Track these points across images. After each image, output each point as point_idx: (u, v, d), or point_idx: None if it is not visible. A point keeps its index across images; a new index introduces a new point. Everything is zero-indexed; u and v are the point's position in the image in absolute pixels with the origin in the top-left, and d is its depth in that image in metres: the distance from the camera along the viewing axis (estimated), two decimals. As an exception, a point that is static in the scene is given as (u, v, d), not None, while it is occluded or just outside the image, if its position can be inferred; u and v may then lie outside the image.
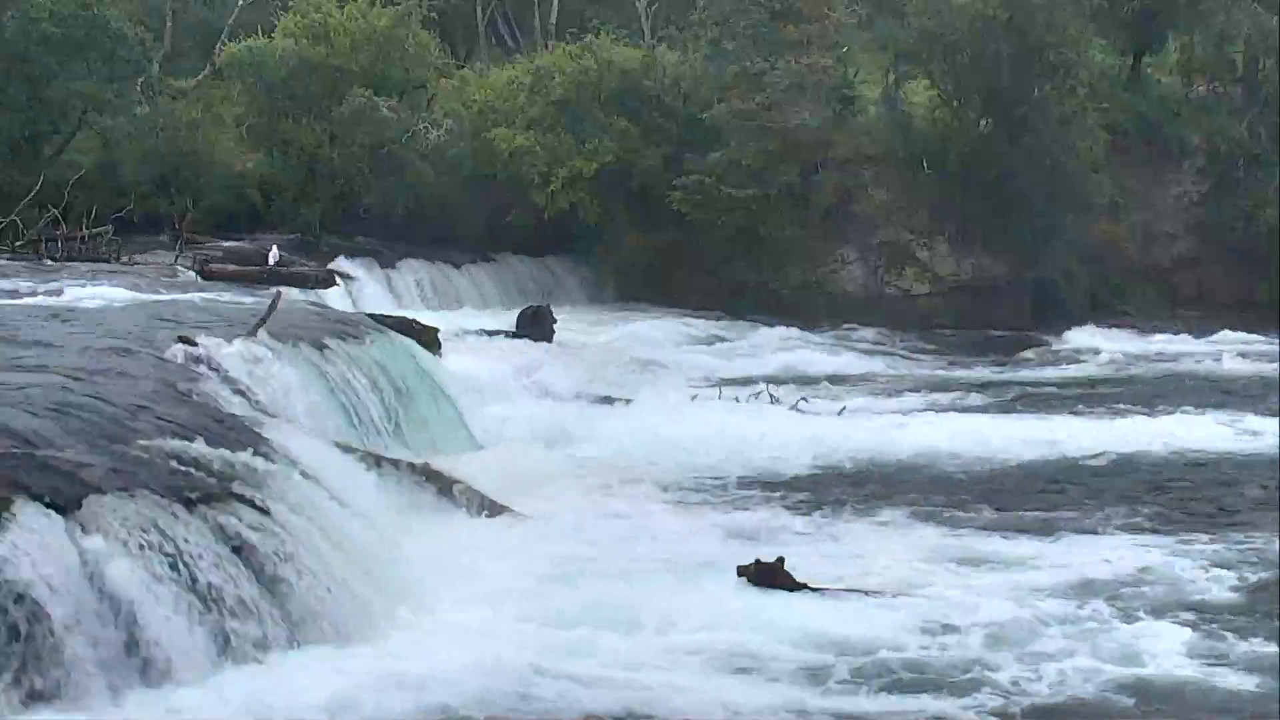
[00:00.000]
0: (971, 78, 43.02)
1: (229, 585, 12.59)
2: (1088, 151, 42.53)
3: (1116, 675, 13.39)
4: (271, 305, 22.34)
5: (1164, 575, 16.68)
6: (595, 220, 42.59)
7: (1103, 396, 30.40)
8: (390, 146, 41.24)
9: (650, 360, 33.59)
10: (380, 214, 41.76)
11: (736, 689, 12.88)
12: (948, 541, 18.22)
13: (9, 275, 30.39)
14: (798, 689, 12.98)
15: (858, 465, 23.17)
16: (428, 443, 21.80)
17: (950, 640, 14.26)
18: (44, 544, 11.43)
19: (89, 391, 15.72)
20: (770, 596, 15.44)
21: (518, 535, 17.71)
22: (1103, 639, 14.32)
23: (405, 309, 33.96)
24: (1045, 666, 13.54)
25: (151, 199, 40.69)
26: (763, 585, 15.65)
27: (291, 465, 15.60)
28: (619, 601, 14.67)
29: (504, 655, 13.05)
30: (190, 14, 52.35)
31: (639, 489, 21.08)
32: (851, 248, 43.24)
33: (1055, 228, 42.15)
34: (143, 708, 11.25)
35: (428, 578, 15.29)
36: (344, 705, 11.81)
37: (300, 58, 41.76)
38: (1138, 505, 20.37)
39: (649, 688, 12.64)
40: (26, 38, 40.38)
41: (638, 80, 43.91)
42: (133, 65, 43.18)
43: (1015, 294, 42.61)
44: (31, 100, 40.76)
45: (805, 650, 13.86)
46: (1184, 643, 14.22)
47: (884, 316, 41.42)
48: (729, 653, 13.71)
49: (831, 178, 42.36)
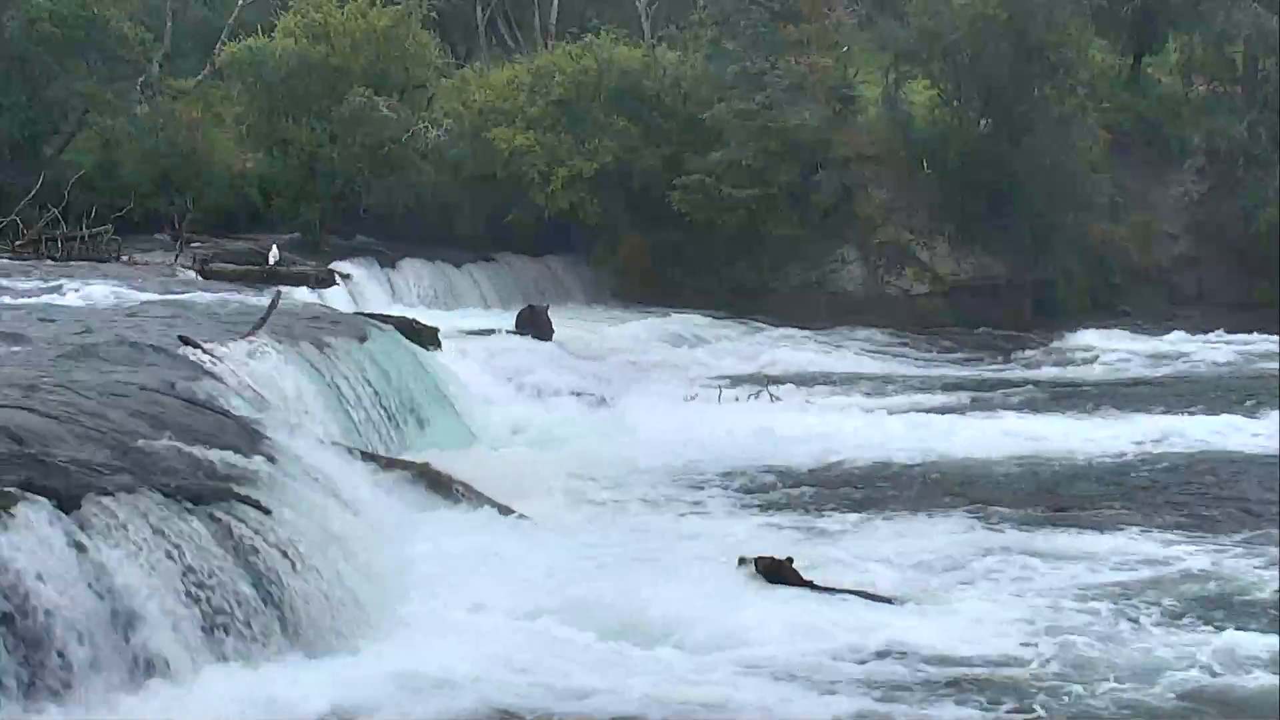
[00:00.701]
0: (971, 78, 43.02)
1: (229, 585, 12.59)
2: (1088, 151, 42.54)
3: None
4: (271, 305, 22.36)
5: (1205, 576, 16.60)
6: (595, 220, 42.57)
7: (1104, 396, 30.35)
8: (390, 146, 41.23)
9: (650, 360, 33.58)
10: (380, 214, 41.74)
11: (747, 687, 12.84)
12: (952, 541, 18.18)
13: (9, 275, 30.39)
14: (804, 688, 12.94)
15: (858, 465, 23.15)
16: (428, 442, 21.80)
17: (961, 643, 14.15)
18: (44, 543, 11.43)
19: (89, 391, 15.73)
20: (777, 593, 15.39)
21: (518, 535, 17.69)
22: (1140, 644, 14.22)
23: (405, 309, 33.96)
24: (1080, 672, 13.44)
25: (151, 199, 40.70)
26: (770, 581, 15.60)
27: (292, 465, 15.61)
28: (621, 600, 14.66)
29: (504, 655, 13.05)
30: (190, 14, 52.39)
31: (639, 488, 21.08)
32: (851, 248, 43.21)
33: (1055, 228, 42.15)
34: (142, 707, 11.23)
35: (428, 577, 15.28)
36: (344, 705, 11.81)
37: (300, 58, 41.74)
38: (1153, 504, 20.32)
39: (653, 687, 12.62)
40: (26, 38, 40.40)
41: (638, 80, 43.90)
42: (133, 65, 43.21)
43: (1015, 294, 42.60)
44: (31, 100, 40.78)
45: (811, 649, 13.81)
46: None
47: (884, 316, 41.39)
48: (733, 652, 13.68)
49: (831, 178, 42.34)
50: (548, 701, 12.25)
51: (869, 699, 12.79)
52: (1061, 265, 42.69)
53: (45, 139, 42.05)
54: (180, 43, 50.66)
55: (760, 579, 15.71)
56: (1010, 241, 42.23)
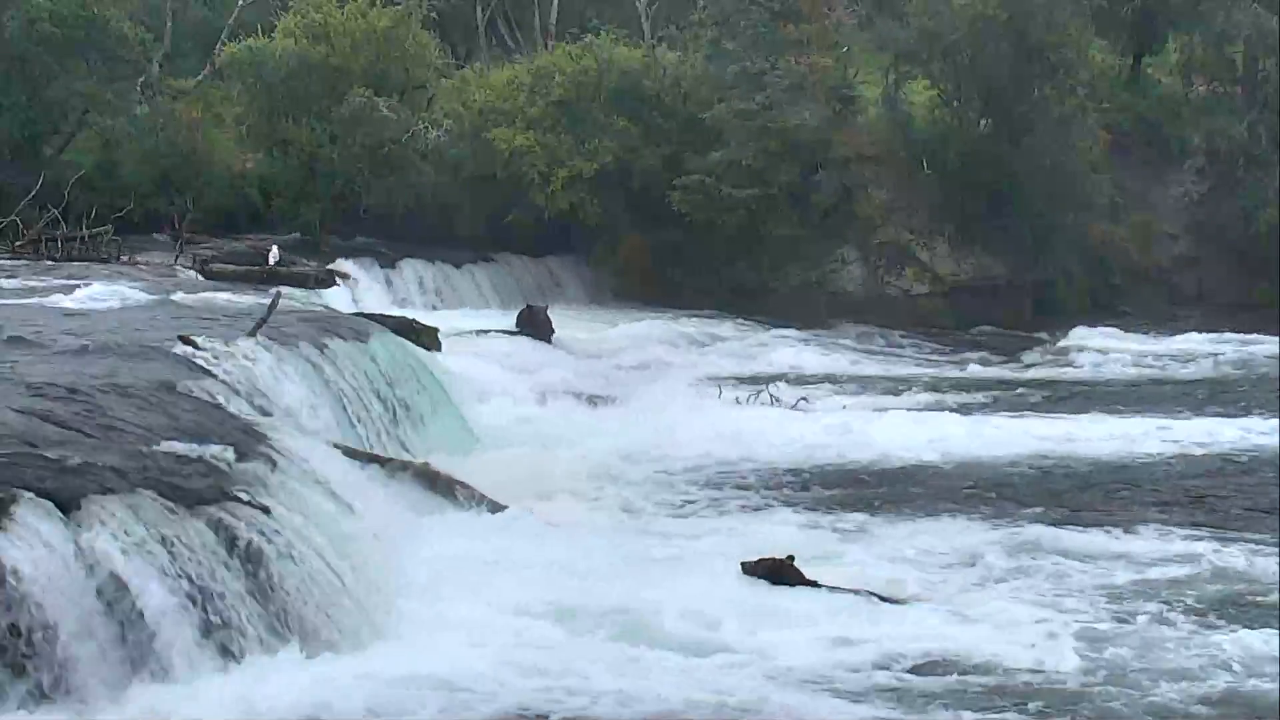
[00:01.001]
0: (971, 78, 43.02)
1: (228, 585, 12.57)
2: (1087, 151, 42.53)
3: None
4: (271, 305, 22.34)
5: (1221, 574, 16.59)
6: (595, 220, 42.56)
7: (1105, 396, 30.39)
8: (390, 146, 41.24)
9: (650, 360, 33.57)
10: (380, 214, 41.74)
11: (752, 689, 12.84)
12: (956, 540, 18.15)
13: (9, 275, 30.39)
14: (811, 688, 12.92)
15: (859, 465, 23.15)
16: (428, 442, 21.79)
17: (976, 645, 14.08)
18: (44, 543, 11.42)
19: (89, 391, 15.73)
20: (777, 592, 15.38)
21: (518, 535, 17.68)
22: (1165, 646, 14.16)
23: (405, 309, 33.97)
24: (1098, 676, 13.38)
25: (151, 199, 40.69)
26: (771, 581, 15.59)
27: (291, 465, 15.60)
28: (622, 600, 14.65)
29: (505, 656, 13.04)
30: (190, 14, 52.39)
31: (640, 488, 21.08)
32: (851, 248, 43.20)
33: (1055, 228, 42.14)
34: (141, 707, 11.23)
35: (428, 578, 15.28)
36: (344, 706, 11.80)
37: (300, 58, 41.75)
38: (1157, 504, 20.29)
39: (657, 687, 12.62)
40: (26, 38, 40.40)
41: (638, 80, 43.88)
42: (133, 65, 43.20)
43: (1015, 294, 42.59)
44: (31, 100, 40.78)
45: (819, 649, 13.81)
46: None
47: (884, 316, 41.39)
48: (736, 653, 13.67)
49: (831, 178, 42.33)
50: (548, 702, 12.24)
51: (879, 702, 12.77)
52: (1061, 265, 42.68)
53: (45, 139, 42.05)
54: (180, 43, 50.65)
55: (762, 580, 15.69)
56: (1010, 241, 42.23)
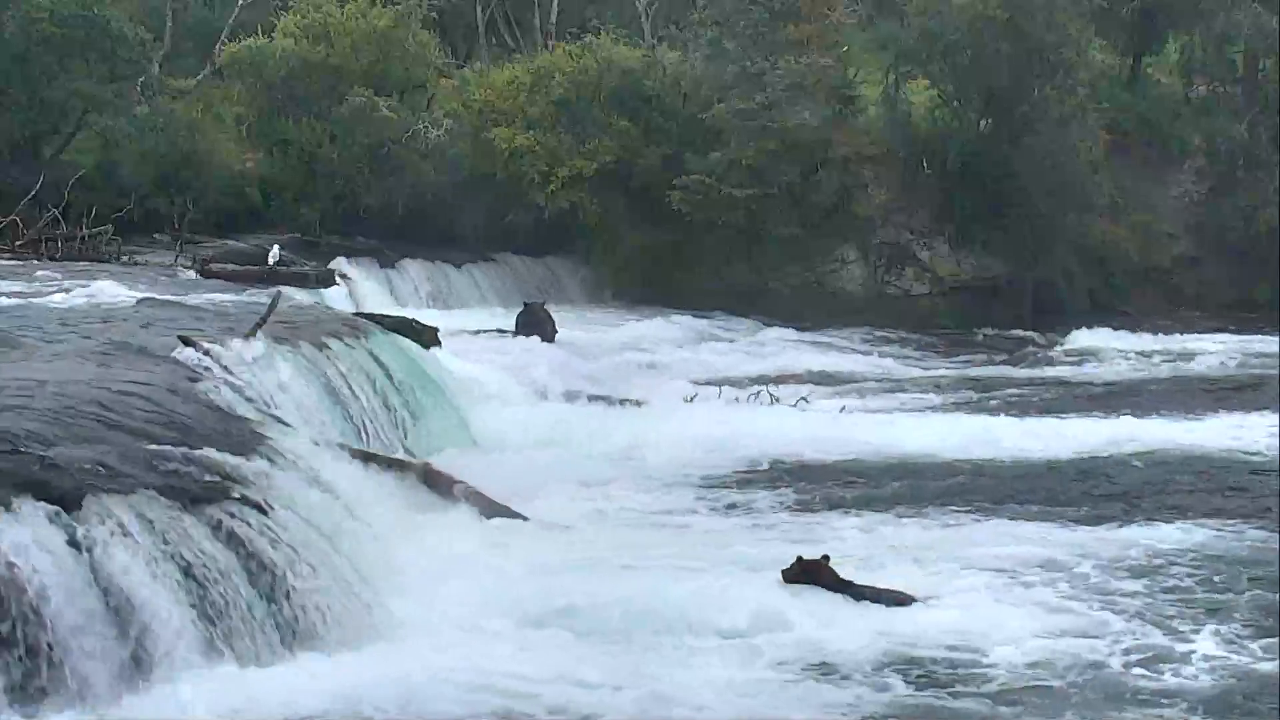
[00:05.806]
0: (971, 78, 43.05)
1: (228, 585, 12.56)
2: (1087, 151, 42.55)
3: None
4: (271, 305, 22.31)
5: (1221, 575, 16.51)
6: (595, 220, 42.58)
7: (1106, 396, 30.38)
8: (390, 146, 41.27)
9: (650, 360, 33.59)
10: (380, 214, 41.78)
11: (757, 690, 12.81)
12: (958, 540, 18.10)
13: (9, 275, 30.36)
14: (823, 689, 12.88)
15: (859, 465, 23.11)
16: (428, 443, 21.78)
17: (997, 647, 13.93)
18: (44, 543, 11.42)
19: (89, 391, 15.71)
20: (804, 595, 15.14)
21: (518, 536, 17.68)
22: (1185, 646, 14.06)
23: (405, 309, 33.90)
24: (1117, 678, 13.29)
25: (151, 199, 40.65)
26: (800, 583, 15.15)
27: (291, 465, 15.58)
28: (622, 601, 14.62)
29: (505, 656, 13.03)
30: (190, 14, 52.35)
31: (639, 489, 21.05)
32: (851, 248, 43.26)
33: (1055, 228, 42.16)
34: (141, 707, 11.22)
35: (428, 578, 15.26)
36: (343, 706, 11.79)
37: (300, 58, 41.78)
38: (1160, 503, 20.22)
39: (661, 688, 12.59)
40: (26, 38, 40.39)
41: (638, 80, 43.92)
42: (133, 65, 43.16)
43: (1015, 294, 42.62)
44: (31, 100, 40.77)
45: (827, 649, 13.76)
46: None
47: (884, 316, 41.43)
48: (741, 654, 13.62)
49: (831, 178, 42.35)
50: (548, 703, 12.22)
51: (895, 701, 12.71)
52: (1061, 265, 42.70)
53: (45, 139, 42.05)
54: (180, 43, 50.62)
55: (784, 580, 15.34)
56: (1010, 241, 42.26)
